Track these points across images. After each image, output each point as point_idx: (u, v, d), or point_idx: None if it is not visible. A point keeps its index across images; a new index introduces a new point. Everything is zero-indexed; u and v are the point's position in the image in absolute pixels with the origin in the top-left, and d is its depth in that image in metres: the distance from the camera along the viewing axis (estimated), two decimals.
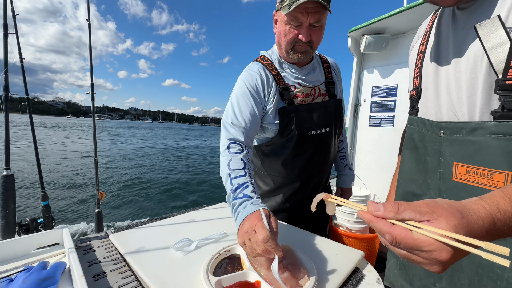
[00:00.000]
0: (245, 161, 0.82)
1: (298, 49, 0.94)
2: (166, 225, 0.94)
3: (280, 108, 0.99)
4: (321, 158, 1.10)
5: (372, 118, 2.61)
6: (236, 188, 0.74)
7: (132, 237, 0.83)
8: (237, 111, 0.92)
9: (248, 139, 0.91)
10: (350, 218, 2.31)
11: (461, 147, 0.59)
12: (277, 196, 1.17)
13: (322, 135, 1.06)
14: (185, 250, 0.74)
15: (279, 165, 1.10)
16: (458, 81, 0.60)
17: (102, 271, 0.68)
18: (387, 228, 0.36)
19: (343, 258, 0.71)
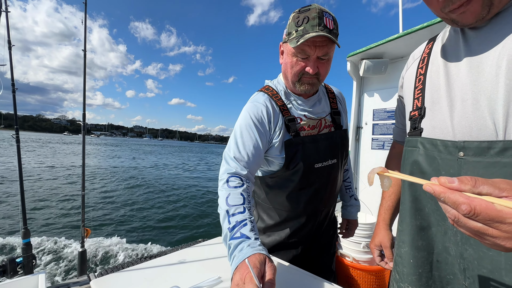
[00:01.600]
0: (245, 195, 0.76)
1: (304, 81, 0.91)
2: (154, 267, 0.86)
3: (286, 140, 0.94)
4: (327, 191, 1.04)
5: (375, 141, 2.56)
6: (233, 226, 0.68)
7: (116, 284, 0.75)
8: (240, 144, 0.87)
9: (250, 173, 0.86)
10: (357, 248, 2.17)
11: (488, 170, 0.53)
12: (282, 231, 1.09)
13: (328, 167, 1.01)
14: None
15: (283, 198, 1.04)
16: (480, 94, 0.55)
17: None
18: (464, 199, 0.35)
19: None
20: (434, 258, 0.71)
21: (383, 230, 0.98)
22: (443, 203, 0.38)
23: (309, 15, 0.81)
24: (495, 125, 0.53)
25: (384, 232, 0.97)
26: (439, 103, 0.65)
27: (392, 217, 1.00)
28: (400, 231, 0.79)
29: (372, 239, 1.00)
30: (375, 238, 0.99)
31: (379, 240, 0.98)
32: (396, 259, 0.82)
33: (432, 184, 0.39)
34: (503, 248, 0.35)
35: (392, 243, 0.98)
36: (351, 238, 2.19)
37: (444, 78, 0.64)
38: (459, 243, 0.61)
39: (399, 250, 0.79)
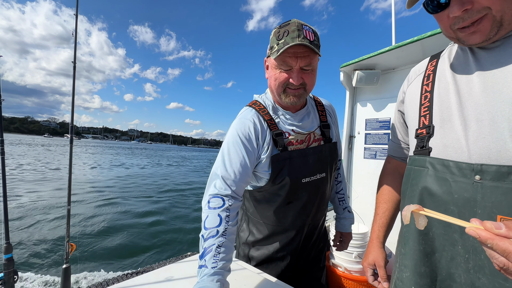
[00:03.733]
0: (222, 217, 0.76)
1: (290, 93, 0.90)
2: (141, 285, 0.83)
3: (273, 156, 0.93)
4: (315, 205, 1.04)
5: (367, 150, 2.58)
6: (202, 253, 0.70)
7: None
8: (228, 162, 0.87)
9: (236, 191, 0.85)
10: (349, 258, 2.16)
11: (508, 196, 0.50)
12: (270, 245, 1.08)
13: (316, 181, 1.01)
14: None
15: (271, 212, 1.03)
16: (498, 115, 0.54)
17: None
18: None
19: None
20: (437, 286, 0.66)
21: (377, 248, 0.93)
22: (489, 249, 0.38)
23: (289, 29, 0.82)
24: None
25: (378, 250, 0.92)
26: (451, 121, 0.62)
27: (385, 234, 0.96)
28: (403, 254, 0.74)
29: (365, 257, 0.95)
30: (369, 256, 0.94)
31: (373, 259, 0.92)
32: (396, 283, 0.78)
33: (477, 228, 0.38)
34: None
35: (386, 262, 0.94)
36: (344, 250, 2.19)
37: (455, 96, 0.61)
38: (471, 270, 0.58)
39: (400, 274, 0.75)
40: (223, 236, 0.72)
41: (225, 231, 0.73)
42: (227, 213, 0.78)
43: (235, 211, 0.82)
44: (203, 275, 0.63)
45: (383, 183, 1.01)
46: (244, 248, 1.14)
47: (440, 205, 0.62)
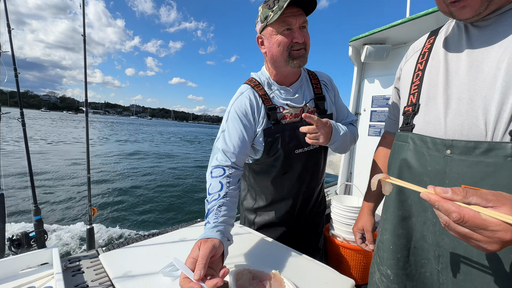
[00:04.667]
0: (223, 183, 0.84)
1: (295, 55, 0.93)
2: (157, 244, 0.94)
3: (266, 128, 1.00)
4: (309, 174, 1.11)
5: (372, 127, 2.59)
6: (206, 214, 0.78)
7: (122, 258, 0.83)
8: (227, 136, 0.94)
9: (237, 162, 0.93)
10: (347, 229, 2.29)
11: (472, 168, 0.56)
12: (270, 212, 1.18)
13: (310, 152, 1.06)
14: (173, 275, 0.73)
15: (268, 182, 1.11)
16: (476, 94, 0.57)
17: None
18: (455, 208, 0.40)
19: (332, 285, 0.70)
20: (412, 245, 0.76)
21: (366, 215, 1.05)
22: (437, 210, 0.44)
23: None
24: (486, 125, 0.55)
25: (367, 217, 1.04)
26: (435, 99, 0.66)
27: (376, 204, 1.07)
28: (384, 219, 0.85)
29: (356, 223, 1.07)
30: (359, 222, 1.07)
31: (362, 224, 1.06)
32: (378, 244, 0.89)
33: (429, 192, 0.44)
34: (485, 250, 0.41)
35: (373, 227, 1.05)
36: (343, 220, 2.31)
37: (443, 75, 0.65)
38: (437, 233, 0.66)
39: (381, 236, 0.86)
40: (224, 198, 0.80)
41: (226, 194, 0.81)
42: (228, 180, 0.86)
43: (235, 179, 0.90)
44: (206, 229, 0.72)
45: (378, 156, 1.08)
46: (248, 215, 1.24)
47: (416, 176, 0.69)
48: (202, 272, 0.56)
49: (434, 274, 0.71)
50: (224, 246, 0.68)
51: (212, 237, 0.66)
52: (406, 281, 0.78)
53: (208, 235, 0.66)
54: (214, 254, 0.62)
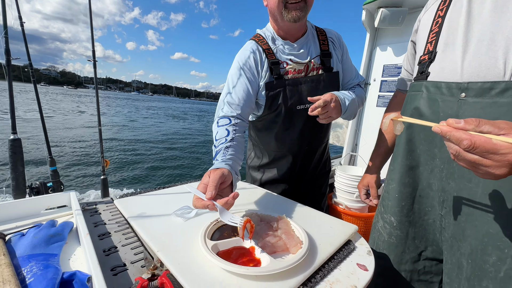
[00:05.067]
0: (229, 130, 0.86)
1: (291, 8, 0.91)
2: (168, 194, 0.98)
3: (268, 82, 1.00)
4: (311, 132, 1.12)
5: (381, 98, 2.54)
6: (214, 157, 0.80)
7: (136, 203, 0.87)
8: (232, 89, 0.96)
9: (241, 114, 0.94)
10: (350, 197, 2.35)
11: (485, 110, 0.56)
12: (273, 168, 1.21)
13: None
14: (185, 217, 0.77)
15: (271, 139, 1.14)
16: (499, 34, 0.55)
17: (107, 231, 0.72)
18: (466, 135, 0.41)
19: (337, 231, 0.74)
20: (417, 194, 0.80)
21: (372, 172, 1.08)
22: (448, 141, 0.44)
23: None
24: (505, 65, 0.54)
25: (373, 175, 1.08)
26: (454, 44, 0.64)
27: (382, 162, 1.10)
28: (391, 170, 0.87)
29: (361, 180, 1.12)
30: (364, 179, 1.11)
31: (367, 181, 1.09)
32: (383, 195, 0.92)
33: (440, 125, 0.45)
34: (493, 176, 0.41)
35: (378, 184, 1.09)
36: (346, 188, 2.35)
37: (465, 19, 0.62)
38: (444, 178, 0.68)
39: (387, 187, 0.89)
40: (231, 142, 0.82)
41: (232, 139, 0.83)
42: (234, 128, 0.88)
43: (241, 128, 0.92)
44: (215, 164, 0.74)
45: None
46: (253, 173, 1.28)
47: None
48: (213, 193, 0.60)
49: (437, 220, 0.74)
50: (233, 179, 0.70)
51: (221, 167, 0.69)
52: (408, 228, 0.81)
53: (217, 166, 0.69)
54: (223, 181, 0.65)
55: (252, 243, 0.62)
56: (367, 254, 0.67)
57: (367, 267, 0.61)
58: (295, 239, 0.63)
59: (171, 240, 0.64)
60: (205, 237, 0.63)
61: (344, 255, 0.65)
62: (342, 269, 0.60)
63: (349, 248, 0.69)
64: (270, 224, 0.72)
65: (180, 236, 0.66)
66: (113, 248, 0.64)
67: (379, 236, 0.91)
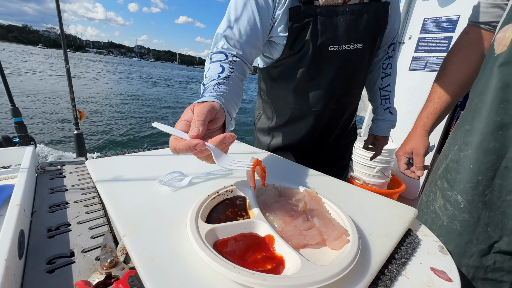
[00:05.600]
0: (225, 66, 0.63)
1: None
2: (157, 155, 0.76)
3: (292, 8, 0.70)
4: (343, 84, 0.84)
5: (416, 60, 2.17)
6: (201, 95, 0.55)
7: (113, 165, 0.65)
8: (233, 18, 0.69)
9: (244, 53, 0.69)
10: (370, 172, 2.12)
11: None
12: (287, 132, 0.97)
13: (349, 52, 0.77)
14: (174, 186, 0.55)
15: (289, 92, 0.87)
16: None
17: (64, 201, 0.52)
18: None
19: (389, 215, 0.51)
20: (502, 164, 0.56)
21: (419, 136, 0.84)
22: None
23: None
24: None
25: (420, 139, 0.83)
26: None
27: (434, 123, 0.85)
28: (467, 131, 0.62)
29: (402, 146, 0.87)
30: (407, 144, 0.86)
31: (412, 147, 0.85)
32: (448, 165, 0.67)
33: None
34: None
35: (426, 151, 0.85)
36: (366, 162, 2.11)
37: None
38: None
39: (457, 154, 0.64)
40: (225, 79, 0.58)
41: (227, 77, 0.60)
42: (231, 65, 0.64)
43: (240, 69, 0.67)
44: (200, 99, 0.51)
45: (452, 60, 0.81)
46: (261, 137, 1.04)
47: None
48: (201, 129, 0.38)
49: None
50: (226, 120, 0.48)
51: (210, 100, 0.46)
52: (481, 210, 0.59)
53: (204, 100, 0.46)
54: (213, 118, 0.43)
55: (269, 230, 0.40)
56: (440, 252, 0.45)
57: (449, 275, 0.39)
58: (336, 226, 0.41)
59: (147, 220, 0.42)
60: (197, 218, 0.41)
61: (409, 253, 0.43)
62: (410, 277, 0.38)
63: (412, 242, 0.46)
64: (293, 202, 0.50)
65: (162, 213, 0.45)
66: (63, 226, 0.44)
67: (435, 220, 0.69)
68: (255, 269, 0.33)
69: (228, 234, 0.40)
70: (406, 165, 0.88)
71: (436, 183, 0.73)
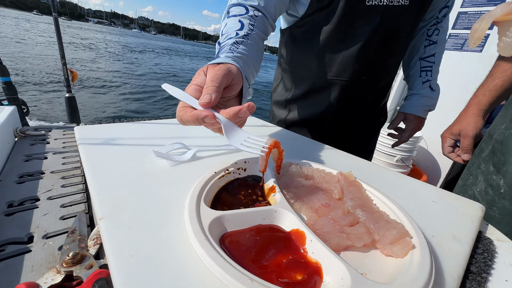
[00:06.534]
0: (244, 22, 0.52)
1: None
2: (160, 124, 0.65)
3: None
4: (380, 50, 0.69)
5: (453, 37, 1.93)
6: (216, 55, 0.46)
7: (106, 132, 0.55)
8: None
9: (266, 5, 0.58)
10: (389, 160, 1.97)
11: None
12: (306, 104, 0.83)
13: (392, 9, 0.62)
14: (174, 159, 0.44)
15: (312, 57, 0.73)
16: None
17: (39, 170, 0.42)
18: None
19: (451, 211, 0.39)
20: None
21: (471, 116, 0.70)
22: None
23: None
24: None
25: (472, 119, 0.70)
26: None
27: (493, 102, 0.71)
28: None
29: (450, 127, 0.74)
30: (455, 125, 0.73)
31: (460, 128, 0.72)
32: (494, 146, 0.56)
33: None
34: None
35: (477, 133, 0.71)
36: (386, 150, 1.96)
37: None
38: None
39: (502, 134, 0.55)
40: (244, 38, 0.49)
41: (247, 35, 0.50)
42: (252, 21, 0.54)
43: (262, 26, 0.56)
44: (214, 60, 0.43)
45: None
46: (276, 110, 0.91)
47: None
48: (213, 96, 0.31)
49: None
50: (243, 87, 0.41)
51: (226, 62, 0.39)
52: None
53: (219, 61, 0.39)
54: (229, 84, 0.36)
55: (297, 222, 0.29)
56: None
57: None
58: (392, 224, 0.29)
59: (135, 200, 0.32)
60: (199, 202, 0.30)
61: (488, 265, 0.31)
62: None
63: (488, 249, 0.34)
64: (325, 187, 0.38)
65: (155, 193, 0.34)
66: (29, 202, 0.34)
67: None
68: (280, 280, 0.22)
69: (240, 225, 0.29)
70: (451, 148, 0.75)
71: (479, 166, 0.61)
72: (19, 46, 11.24)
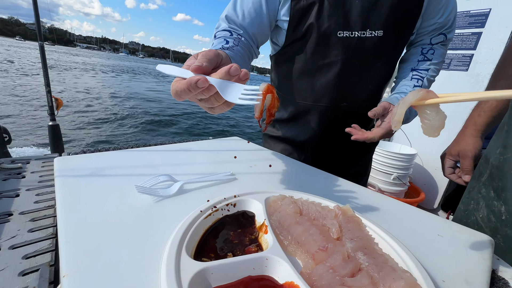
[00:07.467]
0: (229, 40, 0.55)
1: None
2: (145, 151, 0.62)
3: None
4: (357, 77, 0.69)
5: None
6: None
7: (87, 162, 0.52)
8: (238, 3, 0.63)
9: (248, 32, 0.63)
10: (386, 179, 1.95)
11: None
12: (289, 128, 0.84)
13: (364, 41, 0.63)
14: (158, 194, 0.41)
15: (294, 83, 0.75)
16: None
17: (6, 211, 0.38)
18: None
19: (459, 247, 0.36)
20: None
21: (469, 136, 0.70)
22: None
23: None
24: None
25: (470, 139, 0.69)
26: None
27: (489, 122, 0.70)
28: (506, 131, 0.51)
29: (449, 148, 0.73)
30: (455, 146, 0.72)
31: (460, 149, 0.71)
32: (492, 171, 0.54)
33: None
34: None
35: (477, 154, 0.70)
36: (382, 168, 1.94)
37: None
38: None
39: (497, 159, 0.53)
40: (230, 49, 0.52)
41: (232, 47, 0.53)
42: (236, 41, 0.57)
43: (246, 45, 0.60)
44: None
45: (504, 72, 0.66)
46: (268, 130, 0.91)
47: None
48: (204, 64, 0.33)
49: None
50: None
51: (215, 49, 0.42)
52: None
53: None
54: (219, 63, 0.36)
55: (290, 273, 0.25)
56: None
57: None
58: (397, 271, 0.26)
59: (108, 248, 0.28)
60: (180, 251, 0.26)
61: None
62: None
63: None
64: (321, 224, 0.35)
65: (132, 238, 0.31)
66: None
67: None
68: None
69: (227, 278, 0.25)
70: (452, 169, 0.73)
71: (480, 191, 0.59)
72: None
